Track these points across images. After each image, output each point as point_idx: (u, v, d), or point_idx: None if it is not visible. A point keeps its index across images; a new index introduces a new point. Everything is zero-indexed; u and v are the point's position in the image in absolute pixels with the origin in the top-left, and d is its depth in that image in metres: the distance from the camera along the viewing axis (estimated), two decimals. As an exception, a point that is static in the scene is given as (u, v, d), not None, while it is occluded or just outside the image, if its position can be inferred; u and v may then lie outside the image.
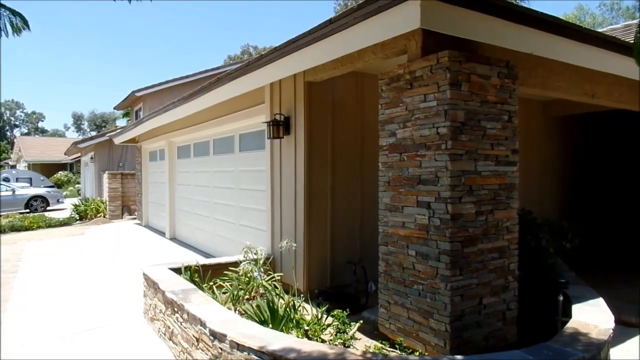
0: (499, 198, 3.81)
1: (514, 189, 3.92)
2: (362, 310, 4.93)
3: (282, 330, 3.84)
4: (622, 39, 5.48)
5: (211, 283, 5.23)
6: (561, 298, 4.08)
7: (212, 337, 3.43)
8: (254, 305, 4.21)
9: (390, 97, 4.03)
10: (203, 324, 3.57)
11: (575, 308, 3.96)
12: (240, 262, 5.18)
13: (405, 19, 3.30)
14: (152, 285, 4.99)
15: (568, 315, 3.91)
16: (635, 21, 2.81)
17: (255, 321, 3.94)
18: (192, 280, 5.11)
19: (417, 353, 3.63)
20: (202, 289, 4.90)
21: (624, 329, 4.64)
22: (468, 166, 3.58)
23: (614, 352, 4.02)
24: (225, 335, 3.27)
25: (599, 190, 9.03)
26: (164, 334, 4.56)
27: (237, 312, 4.56)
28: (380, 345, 3.73)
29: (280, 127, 5.74)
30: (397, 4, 3.30)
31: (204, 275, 5.41)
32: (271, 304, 4.04)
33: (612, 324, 3.54)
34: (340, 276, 5.66)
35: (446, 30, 3.43)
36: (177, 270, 5.34)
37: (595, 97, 5.49)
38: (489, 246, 3.73)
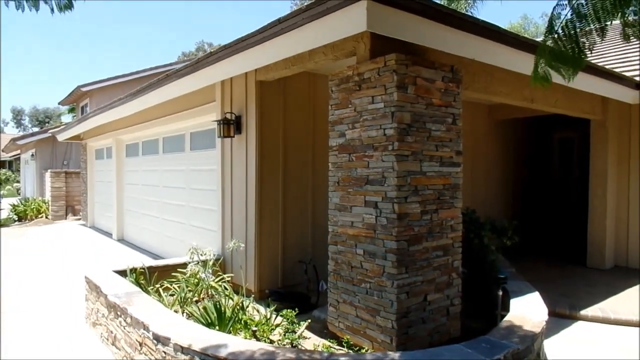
0: (444, 198, 3.94)
1: (457, 189, 4.07)
2: (313, 310, 4.96)
3: (229, 332, 3.79)
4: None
5: (158, 285, 5.08)
6: (500, 293, 4.27)
7: (155, 341, 3.34)
8: (200, 307, 4.13)
9: (340, 98, 4.07)
10: (146, 328, 3.46)
11: (513, 302, 4.16)
12: (189, 264, 5.06)
13: (352, 22, 3.35)
14: (94, 288, 4.79)
15: (507, 309, 4.10)
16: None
17: (202, 323, 3.86)
18: (137, 283, 4.94)
19: (364, 350, 3.69)
20: (147, 291, 4.75)
21: (558, 320, 4.93)
22: (414, 167, 3.68)
23: (548, 341, 4.27)
24: (168, 339, 3.19)
25: (541, 190, 9.55)
26: (107, 339, 4.38)
27: (184, 314, 4.46)
28: (328, 343, 3.76)
29: (231, 125, 5.66)
30: (343, 6, 3.34)
31: (151, 278, 5.25)
32: (218, 305, 3.98)
33: (546, 317, 3.75)
34: (291, 276, 5.66)
35: (392, 34, 3.51)
36: (122, 273, 5.15)
37: (534, 102, 5.79)
38: (433, 244, 3.85)
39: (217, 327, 3.86)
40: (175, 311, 4.43)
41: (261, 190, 5.45)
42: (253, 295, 4.86)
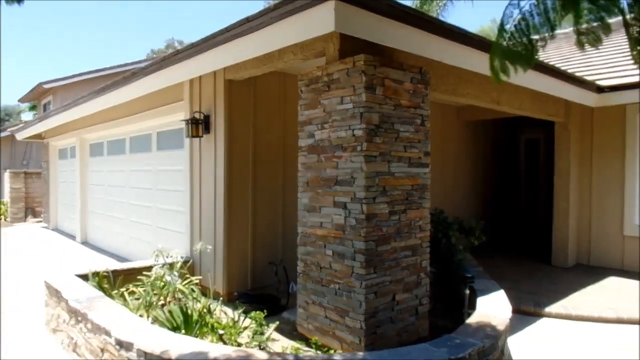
0: (412, 198, 3.97)
1: (426, 190, 4.11)
2: (282, 311, 4.92)
3: (196, 336, 3.70)
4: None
5: (122, 289, 4.92)
6: (467, 291, 4.34)
7: (118, 347, 3.23)
8: (166, 311, 4.03)
9: (310, 98, 4.05)
10: (108, 333, 3.34)
11: (480, 300, 4.23)
12: (154, 267, 4.93)
13: (320, 22, 3.33)
14: (54, 293, 4.60)
15: (474, 307, 4.17)
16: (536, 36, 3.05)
17: (168, 327, 3.76)
18: (100, 287, 4.78)
19: (333, 351, 3.68)
20: (111, 296, 4.60)
21: (524, 317, 5.06)
22: (382, 167, 3.70)
23: (514, 338, 4.37)
24: (131, 344, 3.09)
25: (509, 190, 9.79)
26: (68, 346, 4.22)
27: (149, 318, 4.34)
28: (297, 345, 3.73)
29: (199, 125, 5.56)
30: (311, 6, 3.32)
31: (115, 281, 5.08)
32: (184, 309, 3.88)
33: (510, 314, 3.83)
34: (261, 277, 5.60)
35: (360, 35, 3.51)
36: (84, 277, 4.96)
37: (501, 104, 5.93)
38: (402, 244, 3.88)
39: (183, 331, 3.76)
40: (141, 315, 4.30)
41: (230, 191, 5.37)
42: (221, 298, 4.78)
